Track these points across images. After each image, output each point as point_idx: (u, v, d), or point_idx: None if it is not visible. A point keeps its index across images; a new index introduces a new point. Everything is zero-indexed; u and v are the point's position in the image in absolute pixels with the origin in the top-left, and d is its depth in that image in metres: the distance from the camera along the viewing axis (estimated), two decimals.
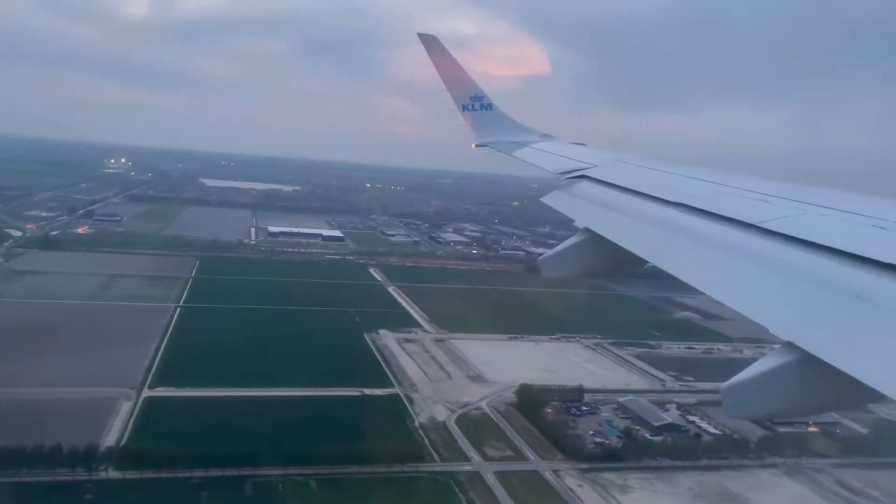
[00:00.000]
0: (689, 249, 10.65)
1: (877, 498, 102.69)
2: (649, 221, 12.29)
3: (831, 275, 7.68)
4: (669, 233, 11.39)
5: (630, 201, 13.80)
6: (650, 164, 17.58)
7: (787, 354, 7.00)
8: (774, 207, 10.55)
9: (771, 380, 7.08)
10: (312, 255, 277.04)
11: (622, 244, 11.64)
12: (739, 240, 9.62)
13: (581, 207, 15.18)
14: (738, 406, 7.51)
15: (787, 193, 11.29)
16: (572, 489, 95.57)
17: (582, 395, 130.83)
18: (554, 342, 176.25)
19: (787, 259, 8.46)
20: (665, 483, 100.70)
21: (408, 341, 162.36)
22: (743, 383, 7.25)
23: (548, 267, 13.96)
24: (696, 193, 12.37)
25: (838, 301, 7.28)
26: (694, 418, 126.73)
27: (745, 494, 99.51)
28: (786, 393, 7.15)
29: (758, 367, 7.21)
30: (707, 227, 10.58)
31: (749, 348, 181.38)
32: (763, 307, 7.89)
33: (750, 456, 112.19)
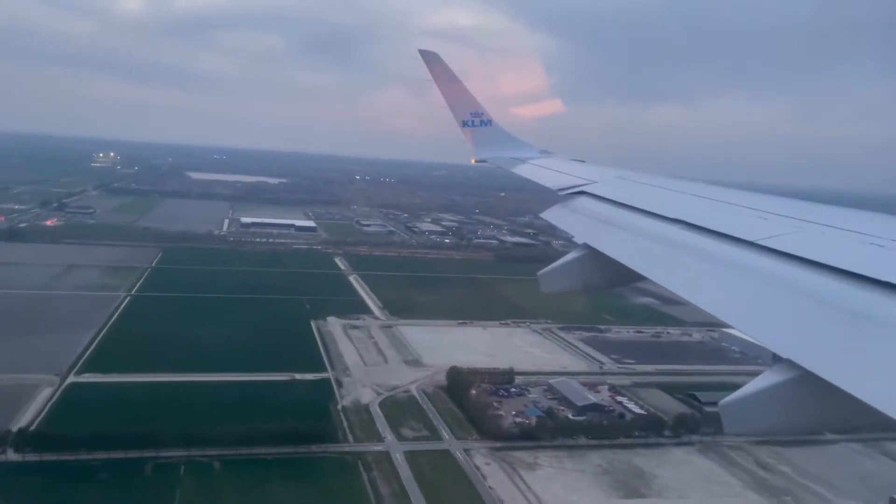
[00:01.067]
0: (687, 266, 10.72)
1: (786, 473, 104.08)
2: (648, 237, 12.34)
3: (829, 292, 7.71)
4: (668, 249, 11.46)
5: (628, 217, 13.90)
6: (649, 179, 17.71)
7: (785, 372, 7.02)
8: (772, 224, 10.68)
9: (769, 397, 7.09)
10: (280, 246, 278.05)
11: (621, 260, 11.71)
12: (737, 256, 9.67)
13: (580, 223, 15.36)
14: (737, 422, 7.48)
15: (785, 210, 11.40)
16: (479, 467, 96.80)
17: (512, 378, 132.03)
18: (503, 327, 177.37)
19: (785, 276, 8.49)
20: (575, 461, 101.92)
21: (353, 328, 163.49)
22: (741, 400, 7.25)
23: (547, 282, 13.96)
24: (694, 210, 12.58)
25: (836, 318, 7.30)
26: (622, 399, 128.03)
27: (653, 471, 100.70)
28: (784, 410, 7.14)
29: (756, 383, 7.24)
30: (705, 244, 10.66)
31: (698, 332, 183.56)
32: (761, 324, 7.97)
33: (667, 434, 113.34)
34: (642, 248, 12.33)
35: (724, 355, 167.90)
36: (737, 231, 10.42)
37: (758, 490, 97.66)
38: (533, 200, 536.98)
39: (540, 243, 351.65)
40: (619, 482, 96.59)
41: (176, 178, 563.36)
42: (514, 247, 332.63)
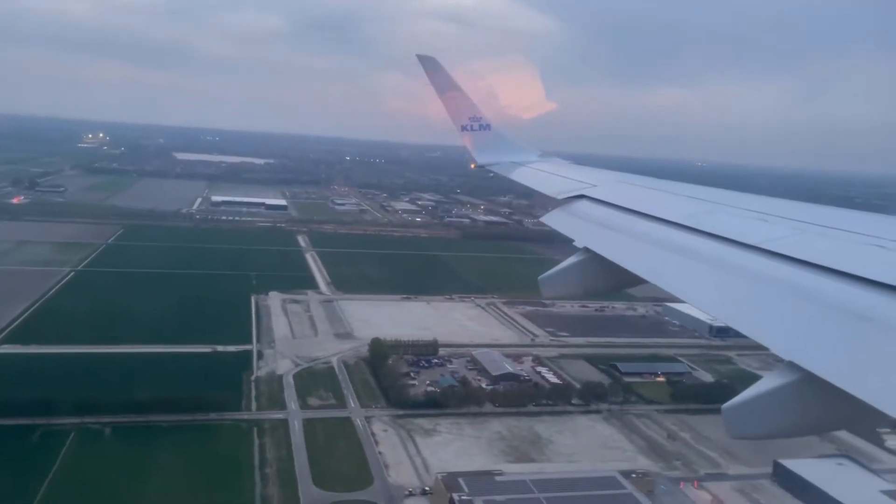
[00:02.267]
0: (688, 269, 10.69)
1: (685, 440, 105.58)
2: (648, 241, 12.27)
3: (831, 294, 7.69)
4: (669, 252, 11.40)
5: (629, 221, 13.80)
6: (648, 183, 17.70)
7: (788, 374, 6.96)
8: (773, 227, 10.62)
9: (772, 399, 7.04)
10: (244, 223, 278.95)
11: (621, 263, 11.65)
12: (739, 259, 9.60)
13: (580, 227, 15.22)
14: (739, 426, 7.39)
15: (786, 212, 11.33)
16: (375, 433, 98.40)
17: (436, 349, 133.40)
18: (447, 302, 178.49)
19: (787, 278, 8.46)
20: (475, 428, 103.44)
21: (294, 302, 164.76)
22: (744, 403, 7.18)
23: (548, 286, 13.82)
24: (694, 213, 12.48)
25: (839, 320, 7.27)
26: (542, 370, 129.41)
27: (551, 437, 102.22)
28: (787, 412, 7.09)
29: (759, 386, 7.16)
30: (706, 247, 10.59)
31: (644, 306, 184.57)
32: (764, 327, 7.96)
33: (576, 403, 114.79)
34: (643, 251, 12.36)
35: (663, 328, 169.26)
36: (738, 234, 10.41)
37: (650, 455, 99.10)
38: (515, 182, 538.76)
39: (512, 222, 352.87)
40: (513, 447, 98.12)
41: (160, 159, 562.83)
42: (486, 225, 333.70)
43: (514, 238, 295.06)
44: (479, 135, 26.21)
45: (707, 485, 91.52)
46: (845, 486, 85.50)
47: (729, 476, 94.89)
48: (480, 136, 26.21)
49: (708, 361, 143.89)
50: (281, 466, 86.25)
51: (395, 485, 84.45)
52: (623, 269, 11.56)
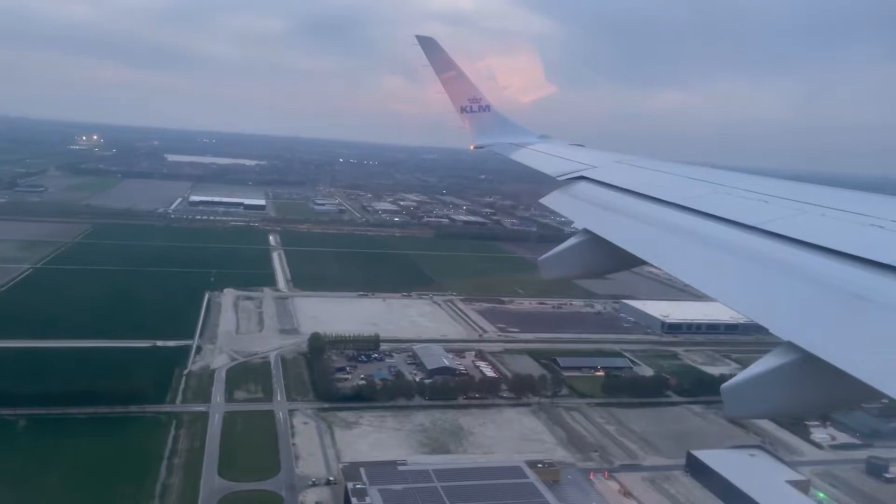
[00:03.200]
0: (688, 250, 10.67)
1: (608, 432, 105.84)
2: (648, 222, 12.26)
3: (830, 274, 7.69)
4: (669, 233, 11.37)
5: (629, 202, 13.77)
6: (649, 164, 17.57)
7: (786, 354, 7.00)
8: (773, 207, 10.61)
9: (770, 379, 7.06)
10: (217, 223, 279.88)
11: (621, 245, 11.64)
12: (739, 240, 9.64)
13: (580, 208, 15.16)
14: (738, 405, 7.45)
15: (786, 193, 11.32)
16: (294, 426, 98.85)
17: (378, 344, 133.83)
18: (404, 299, 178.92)
19: (787, 259, 8.47)
20: (398, 421, 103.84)
21: (247, 299, 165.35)
22: (742, 383, 7.23)
23: (547, 267, 13.76)
24: (694, 194, 12.49)
25: (837, 301, 7.30)
26: (482, 364, 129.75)
27: (473, 429, 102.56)
28: (785, 392, 7.12)
29: (757, 366, 7.17)
30: (706, 228, 10.59)
31: (602, 303, 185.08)
32: (762, 307, 7.96)
33: (505, 396, 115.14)
34: (643, 232, 12.31)
35: (615, 325, 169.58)
36: (738, 215, 10.40)
37: (568, 447, 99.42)
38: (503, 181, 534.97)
39: (491, 222, 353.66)
40: (432, 439, 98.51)
41: (150, 160, 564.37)
42: (465, 225, 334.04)
43: (490, 237, 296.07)
44: (479, 116, 26.04)
45: (619, 475, 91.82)
46: (752, 476, 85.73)
47: (643, 467, 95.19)
48: (480, 118, 26.05)
49: (654, 357, 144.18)
50: (190, 457, 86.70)
51: (300, 475, 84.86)
52: (622, 251, 11.55)
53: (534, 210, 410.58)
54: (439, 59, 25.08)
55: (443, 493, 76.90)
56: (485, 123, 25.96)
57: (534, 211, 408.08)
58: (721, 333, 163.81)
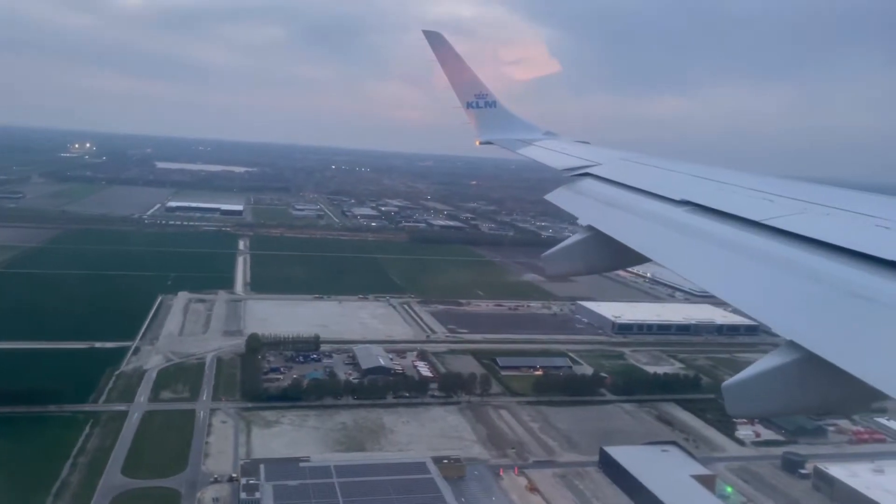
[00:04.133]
0: (693, 247, 10.61)
1: (532, 429, 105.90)
2: (653, 219, 12.20)
3: (834, 273, 7.61)
4: (673, 231, 11.33)
5: (634, 199, 13.72)
6: (654, 161, 17.47)
7: (788, 353, 6.91)
8: (778, 206, 10.52)
9: (772, 378, 6.99)
10: (189, 228, 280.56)
11: (625, 242, 11.63)
12: (743, 238, 9.56)
13: (585, 205, 15.13)
14: (740, 404, 7.36)
15: (791, 192, 11.26)
16: (213, 425, 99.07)
17: (318, 345, 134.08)
18: (360, 301, 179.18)
19: (791, 257, 8.39)
20: (321, 419, 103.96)
21: (200, 301, 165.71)
22: (744, 381, 7.15)
23: (550, 263, 13.74)
24: (699, 191, 12.39)
25: (841, 300, 7.21)
26: (420, 364, 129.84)
27: (395, 428, 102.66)
28: (787, 391, 7.05)
29: (759, 365, 7.11)
30: (711, 226, 10.54)
31: (559, 305, 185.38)
32: (766, 306, 7.90)
33: (436, 394, 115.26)
34: (647, 230, 12.31)
35: (568, 326, 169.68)
36: (743, 212, 10.32)
37: (486, 444, 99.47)
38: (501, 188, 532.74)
39: (469, 226, 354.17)
40: (349, 437, 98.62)
41: (139, 168, 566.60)
42: (442, 229, 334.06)
43: (465, 241, 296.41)
44: (484, 112, 25.90)
45: (532, 472, 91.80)
46: (657, 471, 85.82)
47: (559, 463, 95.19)
48: (485, 114, 25.91)
49: (599, 356, 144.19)
50: (97, 456, 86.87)
51: (205, 472, 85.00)
52: (626, 248, 11.53)
53: (515, 215, 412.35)
54: (446, 54, 25.00)
55: (338, 488, 77.08)
56: (490, 119, 25.89)
57: (515, 216, 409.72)
58: (672, 334, 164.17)
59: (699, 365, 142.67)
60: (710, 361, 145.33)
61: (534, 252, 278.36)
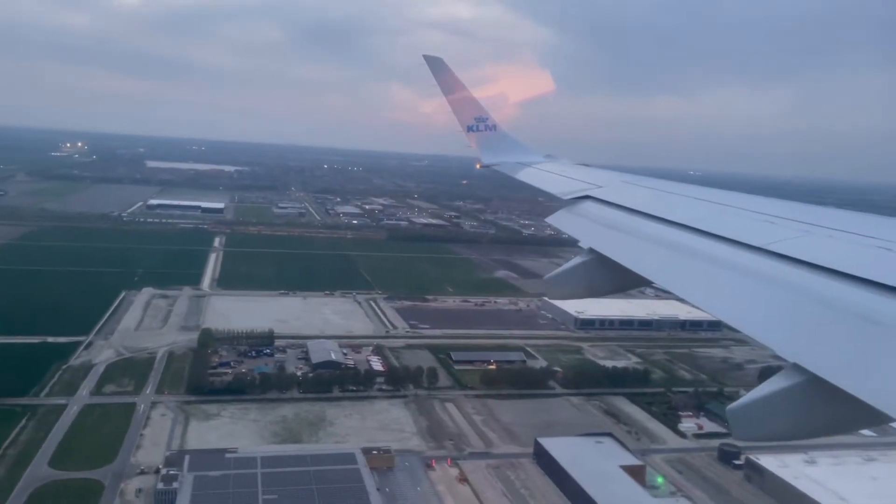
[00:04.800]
0: (695, 271, 10.58)
1: (475, 422, 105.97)
2: (655, 242, 12.14)
3: (837, 296, 7.61)
4: (675, 254, 11.30)
5: (635, 222, 13.66)
6: (654, 184, 17.48)
7: (792, 376, 6.89)
8: (780, 229, 10.52)
9: (776, 402, 6.96)
10: (166, 225, 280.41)
11: (627, 265, 11.55)
12: (746, 261, 9.52)
13: (585, 228, 15.11)
14: (745, 428, 7.35)
15: (793, 214, 11.27)
16: (151, 418, 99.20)
17: (272, 340, 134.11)
18: (326, 297, 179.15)
19: (793, 280, 8.39)
20: (262, 412, 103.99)
21: (163, 297, 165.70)
22: (748, 405, 7.14)
23: (552, 287, 13.76)
24: (701, 214, 12.38)
25: (844, 323, 7.20)
26: (374, 358, 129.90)
27: (335, 420, 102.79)
28: (792, 415, 7.01)
29: (763, 388, 7.09)
30: (713, 249, 10.50)
31: (525, 301, 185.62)
32: (769, 328, 7.88)
33: (384, 388, 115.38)
34: (649, 252, 12.22)
35: (532, 321, 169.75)
36: (744, 236, 10.31)
37: (425, 436, 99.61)
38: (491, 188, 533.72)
39: (451, 224, 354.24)
40: (288, 430, 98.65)
41: (126, 166, 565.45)
42: (423, 227, 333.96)
43: (444, 239, 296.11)
44: (485, 135, 26.15)
45: (466, 462, 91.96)
46: (587, 462, 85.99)
47: (495, 455, 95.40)
48: (486, 137, 26.14)
49: (557, 351, 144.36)
50: (26, 448, 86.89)
51: (133, 464, 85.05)
52: (628, 270, 11.48)
53: (500, 214, 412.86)
54: (446, 79, 25.17)
55: (260, 478, 77.16)
56: (491, 142, 26.10)
57: (499, 214, 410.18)
58: (635, 329, 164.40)
59: (656, 360, 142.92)
60: (668, 356, 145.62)
61: (511, 249, 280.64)
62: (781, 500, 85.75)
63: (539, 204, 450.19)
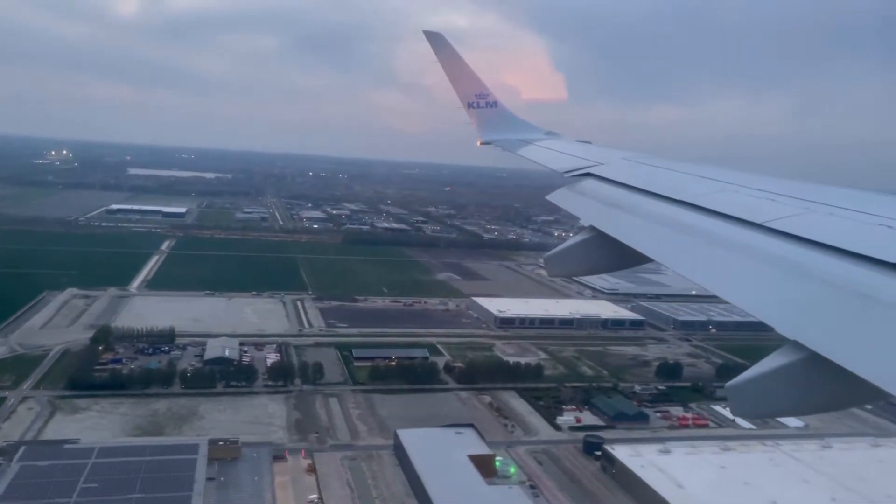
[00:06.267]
0: (695, 248, 10.57)
1: (351, 415, 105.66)
2: (655, 220, 12.15)
3: (837, 273, 7.59)
4: (676, 231, 11.27)
5: (636, 199, 13.63)
6: (656, 162, 17.25)
7: (792, 353, 6.90)
8: (781, 206, 10.48)
9: (776, 379, 6.97)
10: (119, 229, 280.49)
11: (628, 243, 11.57)
12: (746, 238, 9.52)
13: (586, 205, 15.04)
14: (744, 405, 7.37)
15: (794, 192, 11.22)
16: (16, 410, 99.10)
17: (173, 338, 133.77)
18: (252, 298, 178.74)
19: (793, 258, 8.39)
20: (135, 407, 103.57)
21: (83, 297, 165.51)
22: (747, 382, 7.12)
23: (552, 264, 13.65)
24: (702, 192, 12.34)
25: (844, 300, 7.20)
26: (273, 355, 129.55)
27: (206, 414, 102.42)
28: (791, 392, 7.01)
29: (763, 365, 7.07)
30: (713, 226, 10.49)
31: (455, 301, 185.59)
32: (769, 306, 7.89)
33: (269, 384, 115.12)
34: (649, 230, 12.21)
35: (455, 320, 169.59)
36: (745, 213, 10.27)
37: (292, 430, 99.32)
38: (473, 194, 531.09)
39: (412, 229, 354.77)
40: (153, 424, 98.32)
41: (105, 173, 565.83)
42: (384, 231, 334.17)
43: (400, 243, 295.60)
44: (486, 112, 25.76)
45: (323, 455, 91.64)
46: (434, 452, 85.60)
47: (356, 447, 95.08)
48: (486, 114, 25.76)
49: (467, 348, 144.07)
50: None
51: None
52: (628, 248, 11.46)
53: (469, 219, 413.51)
54: (447, 55, 24.84)
55: (88, 468, 76.68)
56: (491, 119, 25.72)
57: (469, 220, 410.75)
58: (555, 328, 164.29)
59: (564, 356, 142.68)
60: (577, 353, 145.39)
61: (465, 253, 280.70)
62: (626, 487, 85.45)
63: (514, 210, 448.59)
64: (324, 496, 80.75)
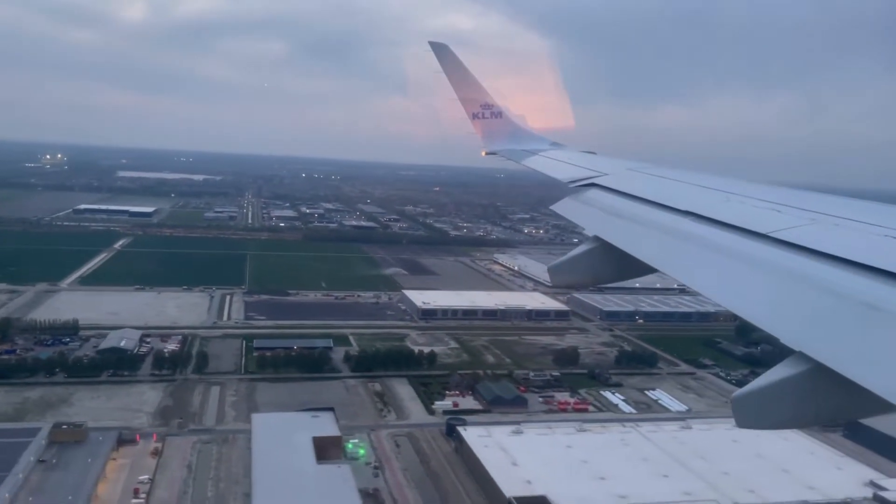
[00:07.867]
0: (700, 258, 10.53)
1: (227, 402, 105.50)
2: (660, 230, 12.08)
3: (842, 284, 7.54)
4: (680, 242, 11.23)
5: (640, 209, 13.57)
6: (660, 171, 17.25)
7: (797, 364, 6.85)
8: (786, 216, 10.46)
9: (781, 390, 6.92)
10: (77, 228, 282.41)
11: (632, 252, 11.54)
12: (751, 249, 9.46)
13: (591, 215, 15.03)
14: (749, 416, 7.31)
15: (799, 202, 11.19)
16: None
17: (76, 329, 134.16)
18: (182, 292, 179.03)
19: (798, 268, 8.36)
20: (9, 395, 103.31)
21: (8, 292, 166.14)
22: (752, 393, 7.12)
23: (556, 274, 13.70)
24: (706, 202, 12.33)
25: (849, 311, 7.14)
26: (172, 346, 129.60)
27: (78, 402, 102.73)
28: (796, 403, 6.96)
29: (768, 376, 7.03)
30: (718, 236, 10.45)
31: (388, 295, 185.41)
32: (774, 317, 7.80)
33: (155, 373, 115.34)
34: (654, 240, 12.15)
35: (381, 313, 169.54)
36: (750, 223, 10.23)
37: (157, 416, 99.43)
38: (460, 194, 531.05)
39: (380, 226, 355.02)
40: (18, 410, 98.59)
41: (92, 176, 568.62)
42: (352, 229, 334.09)
43: (361, 240, 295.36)
44: (490, 122, 25.60)
45: (179, 438, 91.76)
46: (275, 435, 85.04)
47: (215, 432, 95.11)
48: (491, 124, 25.60)
49: (378, 339, 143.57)
50: None
51: None
52: (633, 258, 11.43)
53: (444, 217, 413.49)
54: (452, 65, 24.77)
55: None
56: (496, 130, 25.63)
57: (443, 218, 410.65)
58: (478, 319, 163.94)
59: (473, 345, 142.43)
60: (488, 343, 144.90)
61: (424, 249, 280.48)
62: (469, 466, 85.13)
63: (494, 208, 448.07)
64: (157, 477, 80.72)
